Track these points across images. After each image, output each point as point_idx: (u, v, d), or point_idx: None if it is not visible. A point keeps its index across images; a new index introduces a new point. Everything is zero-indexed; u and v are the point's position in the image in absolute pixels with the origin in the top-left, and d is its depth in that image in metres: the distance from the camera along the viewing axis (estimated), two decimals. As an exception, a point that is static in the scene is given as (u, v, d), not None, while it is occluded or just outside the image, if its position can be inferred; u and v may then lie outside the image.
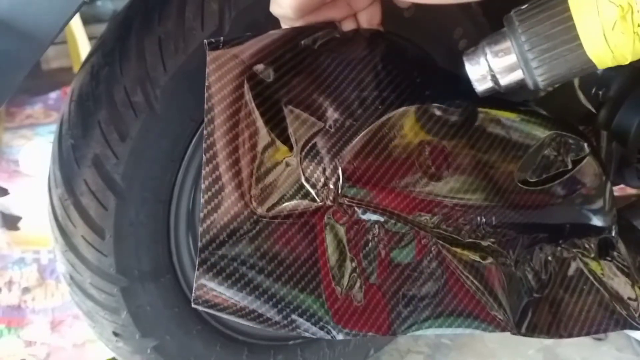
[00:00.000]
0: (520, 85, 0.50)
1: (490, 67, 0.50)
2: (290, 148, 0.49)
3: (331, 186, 0.49)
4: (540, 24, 0.45)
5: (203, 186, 0.47)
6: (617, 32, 0.40)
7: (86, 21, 1.69)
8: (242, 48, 0.49)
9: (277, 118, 0.49)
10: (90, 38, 1.63)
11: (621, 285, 0.61)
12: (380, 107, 0.53)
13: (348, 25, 0.53)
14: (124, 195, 0.63)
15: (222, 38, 0.49)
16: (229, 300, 0.46)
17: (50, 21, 0.52)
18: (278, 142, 0.49)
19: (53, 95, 1.72)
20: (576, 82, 0.78)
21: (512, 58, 0.48)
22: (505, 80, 0.50)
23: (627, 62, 0.43)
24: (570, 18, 0.42)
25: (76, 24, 1.62)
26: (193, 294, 0.46)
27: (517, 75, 0.49)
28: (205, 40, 0.48)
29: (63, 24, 0.53)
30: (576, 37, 0.43)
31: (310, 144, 0.50)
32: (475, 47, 0.51)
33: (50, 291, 1.16)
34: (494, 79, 0.50)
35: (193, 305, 0.46)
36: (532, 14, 0.45)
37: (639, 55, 0.42)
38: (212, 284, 0.45)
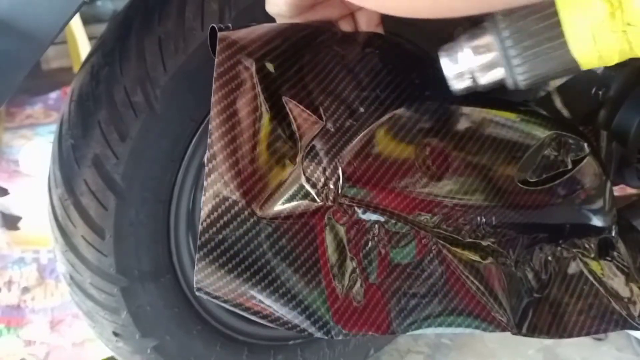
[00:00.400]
0: (499, 85, 0.46)
1: (468, 64, 0.46)
2: (293, 146, 0.49)
3: (331, 186, 0.49)
4: (524, 19, 0.41)
5: (205, 183, 0.46)
6: (605, 30, 0.38)
7: (86, 21, 1.69)
8: (248, 40, 0.48)
9: (282, 113, 0.49)
10: (90, 38, 1.63)
11: (621, 285, 0.61)
12: (380, 107, 0.53)
13: (345, 26, 0.53)
14: (124, 195, 0.63)
15: (230, 25, 0.48)
16: (232, 293, 0.46)
17: (50, 21, 0.52)
18: (284, 138, 0.49)
19: (53, 95, 1.72)
20: (554, 84, 0.76)
21: (492, 55, 0.44)
22: (484, 79, 0.46)
23: (613, 63, 0.40)
24: (556, 14, 0.39)
25: (76, 24, 1.62)
26: (195, 284, 0.45)
27: (498, 73, 0.45)
28: (214, 26, 0.47)
29: (63, 24, 0.53)
30: (560, 34, 0.40)
31: (311, 144, 0.49)
32: (452, 42, 0.47)
33: (50, 291, 1.16)
34: (473, 76, 0.47)
35: (196, 292, 0.45)
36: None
37: (627, 56, 0.39)
38: (213, 277, 0.45)
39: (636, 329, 0.60)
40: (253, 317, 0.47)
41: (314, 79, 0.51)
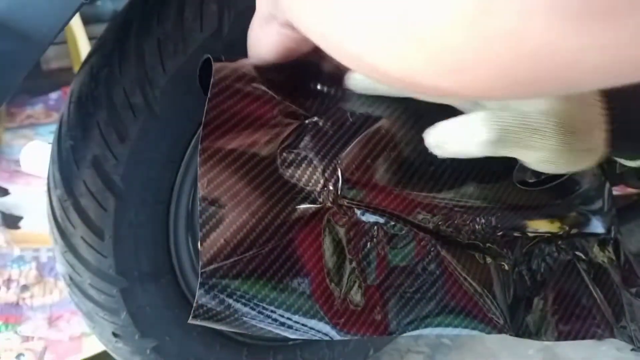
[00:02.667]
0: None
1: None
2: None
3: (331, 187, 0.49)
4: None
5: (200, 193, 0.46)
6: None
7: (86, 21, 1.68)
8: (246, 66, 0.47)
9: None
10: (90, 38, 1.63)
11: (617, 289, 0.61)
12: (379, 108, 0.53)
13: None
14: (124, 197, 0.63)
15: (222, 56, 0.47)
16: (227, 311, 0.45)
17: (50, 21, 0.52)
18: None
19: (53, 95, 1.72)
20: None
21: None
22: None
23: None
24: None
25: (76, 24, 1.62)
26: (193, 311, 0.44)
27: None
28: (209, 57, 0.47)
29: (63, 24, 0.53)
30: None
31: (310, 144, 0.49)
32: None
33: (49, 288, 1.16)
34: None
35: (190, 322, 0.44)
36: None
37: None
38: (213, 302, 0.44)
39: (620, 337, 0.59)
40: (249, 331, 0.46)
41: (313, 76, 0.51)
